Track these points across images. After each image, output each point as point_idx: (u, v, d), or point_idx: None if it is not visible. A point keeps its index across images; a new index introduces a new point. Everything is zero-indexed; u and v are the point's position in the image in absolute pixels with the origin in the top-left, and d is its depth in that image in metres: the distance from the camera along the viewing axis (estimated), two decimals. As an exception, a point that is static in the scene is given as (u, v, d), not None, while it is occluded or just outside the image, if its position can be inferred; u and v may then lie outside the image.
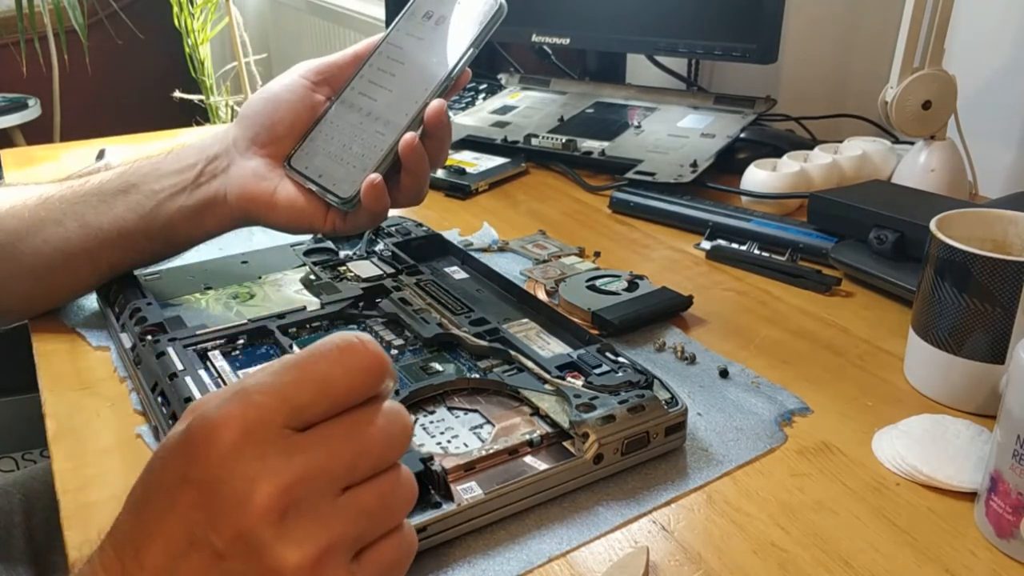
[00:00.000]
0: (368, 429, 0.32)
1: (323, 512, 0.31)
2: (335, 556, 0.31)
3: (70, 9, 2.40)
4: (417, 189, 0.62)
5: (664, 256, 0.79)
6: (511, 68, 1.29)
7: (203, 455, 0.30)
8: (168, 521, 0.31)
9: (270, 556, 0.30)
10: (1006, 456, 0.43)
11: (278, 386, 0.31)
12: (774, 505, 0.48)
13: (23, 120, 2.58)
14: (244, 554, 0.30)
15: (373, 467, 0.32)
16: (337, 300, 0.63)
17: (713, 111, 1.06)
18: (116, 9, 2.67)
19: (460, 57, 0.61)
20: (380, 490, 0.32)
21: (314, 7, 2.37)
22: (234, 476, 0.30)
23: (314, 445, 0.31)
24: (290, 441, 0.31)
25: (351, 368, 0.32)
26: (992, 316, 0.53)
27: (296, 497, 0.30)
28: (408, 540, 0.34)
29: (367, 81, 0.63)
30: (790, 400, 0.57)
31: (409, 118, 0.60)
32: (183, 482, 0.31)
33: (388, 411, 0.33)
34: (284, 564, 0.30)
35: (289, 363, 0.32)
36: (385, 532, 0.33)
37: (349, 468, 0.32)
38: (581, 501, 0.48)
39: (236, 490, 0.30)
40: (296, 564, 0.30)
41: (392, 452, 0.33)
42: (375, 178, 0.59)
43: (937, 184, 0.84)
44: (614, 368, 0.54)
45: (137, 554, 0.31)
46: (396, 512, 0.33)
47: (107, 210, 0.61)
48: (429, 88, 0.60)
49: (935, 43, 0.82)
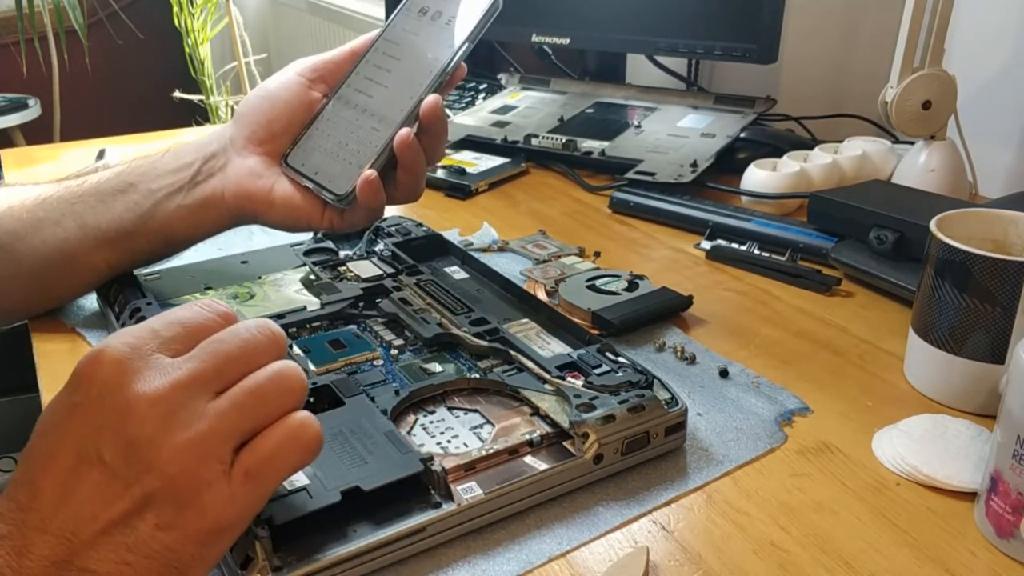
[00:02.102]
0: (232, 340, 0.37)
1: (199, 411, 0.35)
2: (214, 446, 0.35)
3: (70, 9, 2.40)
4: (414, 185, 0.62)
5: (664, 256, 0.79)
6: (511, 68, 1.29)
7: (87, 381, 0.35)
8: (58, 449, 0.34)
9: (155, 452, 0.34)
10: (1006, 456, 0.43)
11: (146, 325, 0.37)
12: (774, 505, 0.48)
13: (23, 120, 2.58)
14: (132, 457, 0.34)
15: (241, 370, 0.37)
16: (337, 300, 0.63)
17: (713, 111, 1.06)
18: (116, 9, 2.67)
19: (455, 52, 0.60)
20: (251, 386, 0.36)
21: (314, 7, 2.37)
22: (116, 392, 0.34)
23: (184, 361, 0.36)
24: (163, 361, 0.36)
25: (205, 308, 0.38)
26: (992, 316, 0.53)
27: (174, 402, 0.34)
28: (292, 430, 0.36)
29: (363, 78, 0.63)
30: (790, 400, 0.57)
31: (404, 114, 0.60)
32: (71, 409, 0.35)
33: (251, 324, 0.38)
34: (166, 455, 0.34)
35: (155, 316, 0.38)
36: (265, 425, 0.36)
37: (217, 372, 0.36)
38: (581, 501, 0.48)
39: (118, 402, 0.34)
40: (175, 452, 0.34)
41: (259, 356, 0.37)
42: (370, 175, 0.59)
43: (937, 184, 0.84)
44: (614, 368, 0.54)
45: (31, 488, 0.34)
46: (272, 404, 0.36)
47: (105, 210, 0.61)
48: (424, 84, 0.60)
49: (935, 43, 0.82)
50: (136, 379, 0.35)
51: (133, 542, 0.33)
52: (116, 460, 0.34)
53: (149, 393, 0.34)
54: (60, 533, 0.33)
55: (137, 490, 0.34)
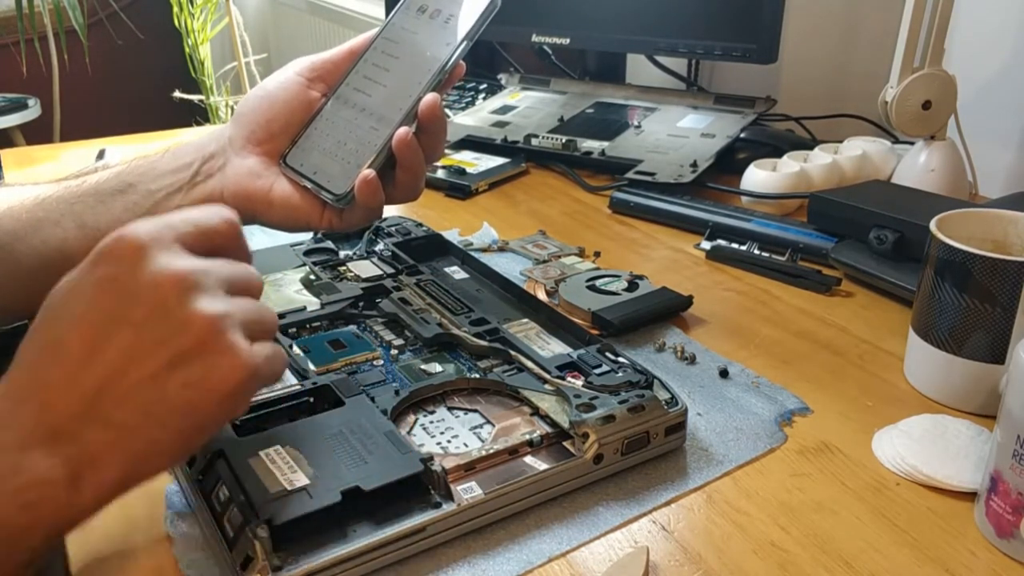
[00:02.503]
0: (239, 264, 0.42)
1: (219, 295, 0.39)
2: (233, 324, 0.38)
3: (70, 9, 2.39)
4: (413, 185, 0.62)
5: (664, 256, 0.79)
6: (511, 68, 1.29)
7: (114, 256, 0.38)
8: (88, 313, 0.37)
9: (185, 317, 0.37)
10: (1006, 456, 0.43)
11: (163, 219, 0.40)
12: (774, 505, 0.48)
13: (23, 120, 2.58)
14: (163, 320, 0.37)
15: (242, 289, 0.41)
16: (337, 300, 0.63)
17: (713, 111, 1.06)
18: (116, 9, 2.67)
19: (453, 50, 0.60)
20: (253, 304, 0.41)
21: (314, 7, 2.37)
22: (145, 263, 0.37)
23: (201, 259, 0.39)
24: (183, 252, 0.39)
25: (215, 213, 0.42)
26: (992, 316, 0.53)
27: (197, 280, 0.38)
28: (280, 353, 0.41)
29: (362, 77, 0.63)
30: (790, 400, 0.57)
31: (403, 113, 0.59)
32: (99, 279, 0.38)
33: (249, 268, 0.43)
34: (194, 318, 0.37)
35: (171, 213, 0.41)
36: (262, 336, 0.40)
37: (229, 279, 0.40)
38: (581, 501, 0.48)
39: (148, 273, 0.37)
40: (204, 318, 0.37)
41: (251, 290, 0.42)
42: (369, 174, 0.59)
43: (937, 184, 0.84)
44: (614, 368, 0.54)
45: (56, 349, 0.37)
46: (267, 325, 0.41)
47: (104, 210, 0.61)
48: (423, 82, 0.60)
49: (935, 43, 0.82)
50: (162, 256, 0.38)
51: (159, 398, 0.36)
52: (149, 322, 0.37)
53: (177, 267, 0.38)
54: (85, 387, 0.36)
55: (167, 350, 0.37)
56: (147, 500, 0.47)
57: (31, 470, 0.35)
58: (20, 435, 0.35)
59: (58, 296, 0.38)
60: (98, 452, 0.36)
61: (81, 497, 0.36)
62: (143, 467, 0.37)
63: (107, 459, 0.36)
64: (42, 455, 0.35)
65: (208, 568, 0.43)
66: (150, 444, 0.37)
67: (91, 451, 0.36)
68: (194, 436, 0.38)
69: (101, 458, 0.36)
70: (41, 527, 0.35)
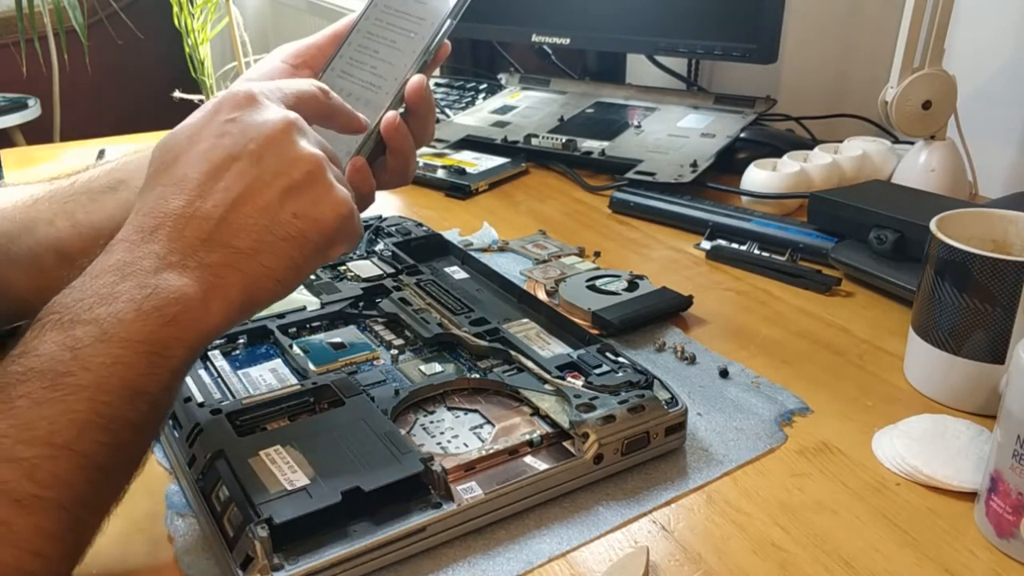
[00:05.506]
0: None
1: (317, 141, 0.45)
2: (330, 166, 0.44)
3: (70, 9, 2.40)
4: (403, 169, 0.61)
5: (664, 256, 0.79)
6: (511, 68, 1.29)
7: (232, 105, 0.44)
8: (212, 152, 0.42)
9: (297, 153, 0.43)
10: (1006, 456, 0.43)
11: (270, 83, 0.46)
12: (774, 505, 0.48)
13: (23, 120, 2.58)
14: (280, 155, 0.42)
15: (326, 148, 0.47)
16: (337, 300, 0.63)
17: (713, 111, 1.06)
18: (116, 9, 2.67)
19: (438, 30, 0.59)
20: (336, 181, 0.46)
21: (314, 7, 2.37)
22: (259, 109, 0.44)
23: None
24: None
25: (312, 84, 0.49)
26: (992, 316, 0.53)
27: (302, 127, 0.44)
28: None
29: (347, 61, 0.62)
30: (790, 400, 0.57)
31: (390, 97, 0.58)
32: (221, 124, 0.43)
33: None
34: (303, 154, 0.43)
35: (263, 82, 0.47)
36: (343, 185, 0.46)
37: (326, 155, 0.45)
38: (581, 501, 0.48)
39: (261, 115, 0.43)
40: (311, 155, 0.43)
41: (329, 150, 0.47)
42: (358, 161, 0.58)
43: (937, 184, 0.84)
44: (614, 368, 0.54)
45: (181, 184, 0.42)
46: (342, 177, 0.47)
47: (97, 208, 0.61)
48: (408, 64, 0.59)
49: (935, 43, 0.82)
50: (272, 104, 0.44)
51: (272, 224, 0.42)
52: (264, 156, 0.42)
53: (285, 116, 0.44)
54: (209, 215, 0.41)
55: (280, 181, 0.42)
56: (147, 500, 0.47)
57: (168, 289, 0.39)
58: (154, 262, 0.40)
59: (173, 141, 0.44)
60: (222, 273, 0.41)
61: (211, 314, 0.40)
62: (258, 291, 0.42)
63: (230, 279, 0.41)
64: (175, 275, 0.40)
65: (208, 568, 0.43)
66: (264, 269, 0.41)
67: (216, 272, 0.40)
68: (303, 265, 0.43)
69: (225, 278, 0.41)
70: (183, 340, 0.39)
